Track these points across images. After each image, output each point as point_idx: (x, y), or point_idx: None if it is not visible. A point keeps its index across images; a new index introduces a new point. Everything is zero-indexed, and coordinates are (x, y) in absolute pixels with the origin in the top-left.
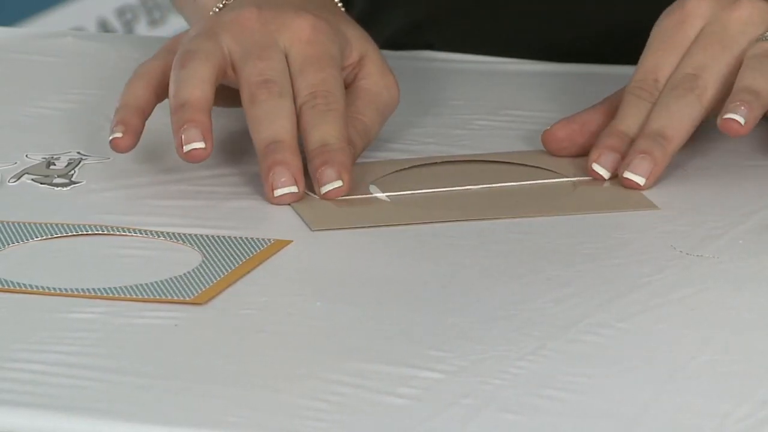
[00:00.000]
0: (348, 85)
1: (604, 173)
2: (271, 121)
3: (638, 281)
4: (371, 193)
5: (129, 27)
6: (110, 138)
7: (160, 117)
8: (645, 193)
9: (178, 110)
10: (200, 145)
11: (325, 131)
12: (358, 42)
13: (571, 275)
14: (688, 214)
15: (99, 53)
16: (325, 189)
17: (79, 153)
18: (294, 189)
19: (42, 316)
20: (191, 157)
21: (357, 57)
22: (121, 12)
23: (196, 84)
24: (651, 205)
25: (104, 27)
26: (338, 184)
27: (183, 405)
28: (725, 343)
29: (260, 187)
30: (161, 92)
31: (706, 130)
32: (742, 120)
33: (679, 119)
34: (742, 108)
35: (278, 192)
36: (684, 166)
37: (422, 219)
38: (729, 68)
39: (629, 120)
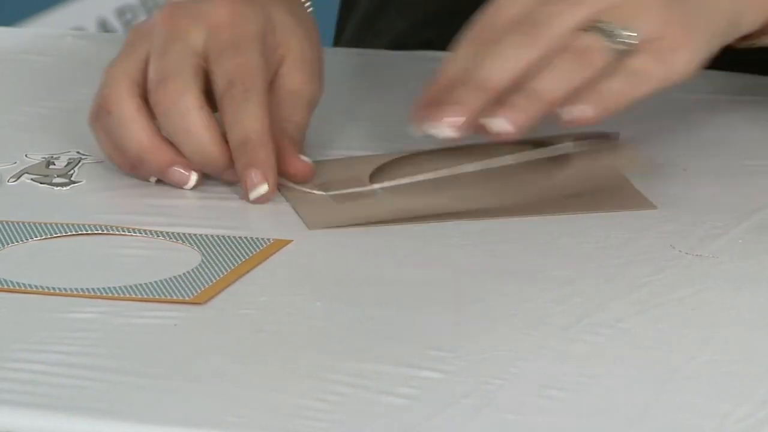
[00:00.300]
0: (271, 81)
1: (507, 127)
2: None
3: (638, 281)
4: (369, 185)
5: (129, 27)
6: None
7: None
8: (645, 193)
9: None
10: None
11: (245, 126)
12: (283, 30)
13: (571, 275)
14: (688, 214)
15: (99, 53)
16: (252, 196)
17: (79, 153)
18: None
19: (42, 316)
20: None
21: (277, 44)
22: (121, 12)
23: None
24: (649, 205)
25: (104, 27)
26: (264, 189)
27: (183, 405)
28: (725, 343)
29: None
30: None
31: (707, 131)
32: (506, 126)
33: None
34: (509, 113)
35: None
36: (684, 166)
37: (420, 212)
38: (575, 23)
39: (462, 63)
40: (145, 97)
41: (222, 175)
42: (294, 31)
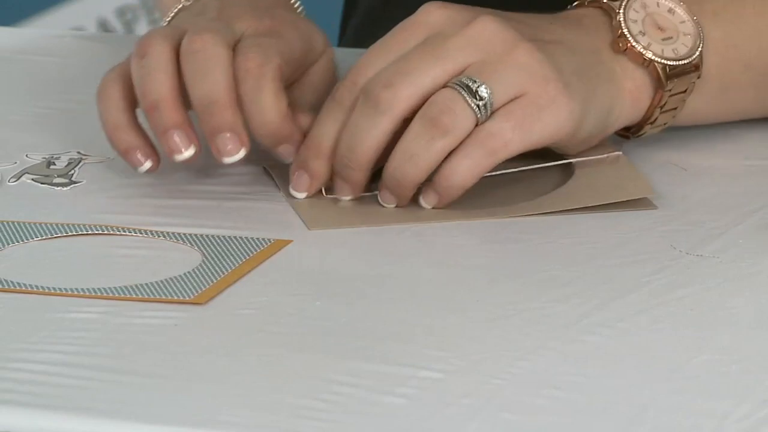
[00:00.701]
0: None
1: (299, 196)
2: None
3: (638, 281)
4: (372, 191)
5: (129, 27)
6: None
7: None
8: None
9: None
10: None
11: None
12: (323, 39)
13: (571, 275)
14: (688, 214)
15: (99, 53)
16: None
17: (79, 153)
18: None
19: (42, 316)
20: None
21: (322, 49)
22: (121, 12)
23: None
24: (650, 205)
25: (104, 27)
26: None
27: (183, 405)
28: (725, 343)
29: (260, 186)
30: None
31: (706, 130)
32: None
33: (361, 138)
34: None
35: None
36: (684, 166)
37: (421, 219)
38: (434, 82)
39: (323, 129)
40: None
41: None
42: (325, 41)
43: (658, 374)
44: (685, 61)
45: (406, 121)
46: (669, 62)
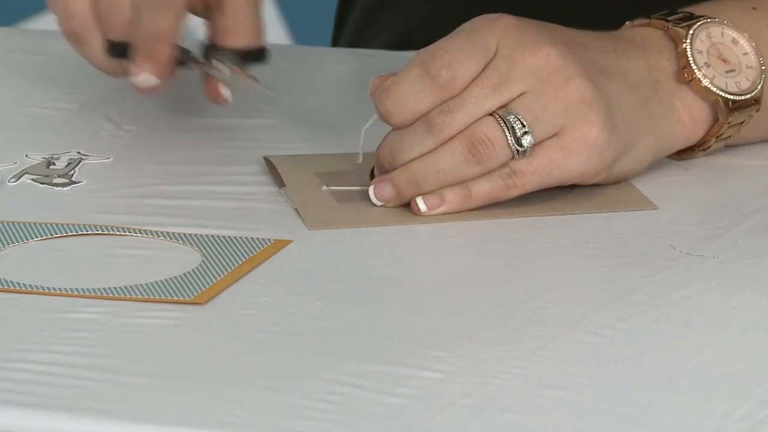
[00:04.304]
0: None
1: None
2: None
3: (638, 281)
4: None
5: None
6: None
7: (161, 117)
8: (645, 193)
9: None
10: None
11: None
12: None
13: (571, 275)
14: (688, 214)
15: None
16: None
17: (79, 153)
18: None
19: (42, 316)
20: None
21: None
22: None
23: None
24: (650, 205)
25: None
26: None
27: (183, 405)
28: (725, 343)
29: (260, 187)
30: None
31: None
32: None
33: (405, 152)
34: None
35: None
36: (684, 166)
37: (421, 220)
38: (487, 112)
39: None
40: None
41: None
42: None
43: (658, 374)
44: (748, 96)
45: None
46: (732, 96)
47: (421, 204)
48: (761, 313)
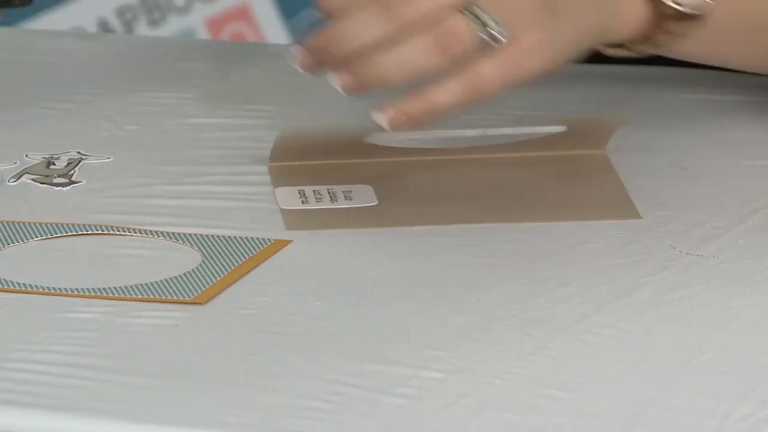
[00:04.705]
0: None
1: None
2: None
3: (638, 281)
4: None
5: (129, 27)
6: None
7: (161, 117)
8: (645, 193)
9: None
10: None
11: None
12: None
13: (571, 275)
14: (688, 214)
15: (99, 53)
16: None
17: (79, 153)
18: None
19: (42, 316)
20: None
21: None
22: (121, 12)
23: None
24: (635, 215)
25: (104, 27)
26: None
27: (183, 405)
28: (725, 343)
29: (260, 187)
30: None
31: (707, 131)
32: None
33: (359, 34)
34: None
35: None
36: (684, 166)
37: (403, 224)
38: (451, 4)
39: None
40: None
41: None
42: None
43: (659, 374)
44: (696, 13)
45: None
46: (679, 8)
47: (381, 120)
48: (761, 313)
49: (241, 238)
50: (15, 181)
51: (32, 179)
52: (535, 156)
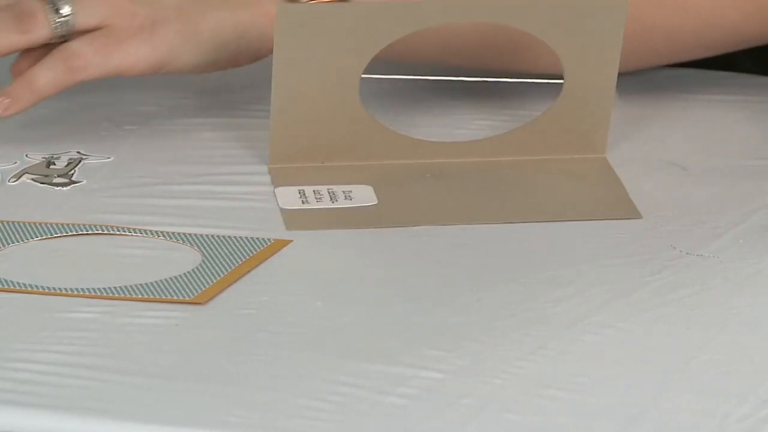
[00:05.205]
0: None
1: None
2: None
3: (638, 281)
4: None
5: None
6: None
7: (161, 117)
8: (645, 193)
9: None
10: None
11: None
12: None
13: (571, 275)
14: (689, 214)
15: None
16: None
17: (79, 153)
18: None
19: (42, 316)
20: None
21: None
22: None
23: None
24: (635, 215)
25: None
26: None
27: (183, 405)
28: (725, 343)
29: (260, 187)
30: None
31: (707, 131)
32: None
33: None
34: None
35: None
36: (684, 166)
37: (403, 224)
38: None
39: None
40: None
41: None
42: None
43: (659, 374)
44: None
45: None
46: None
47: None
48: (761, 313)
49: (241, 238)
50: (15, 181)
51: (32, 179)
52: (535, 159)
